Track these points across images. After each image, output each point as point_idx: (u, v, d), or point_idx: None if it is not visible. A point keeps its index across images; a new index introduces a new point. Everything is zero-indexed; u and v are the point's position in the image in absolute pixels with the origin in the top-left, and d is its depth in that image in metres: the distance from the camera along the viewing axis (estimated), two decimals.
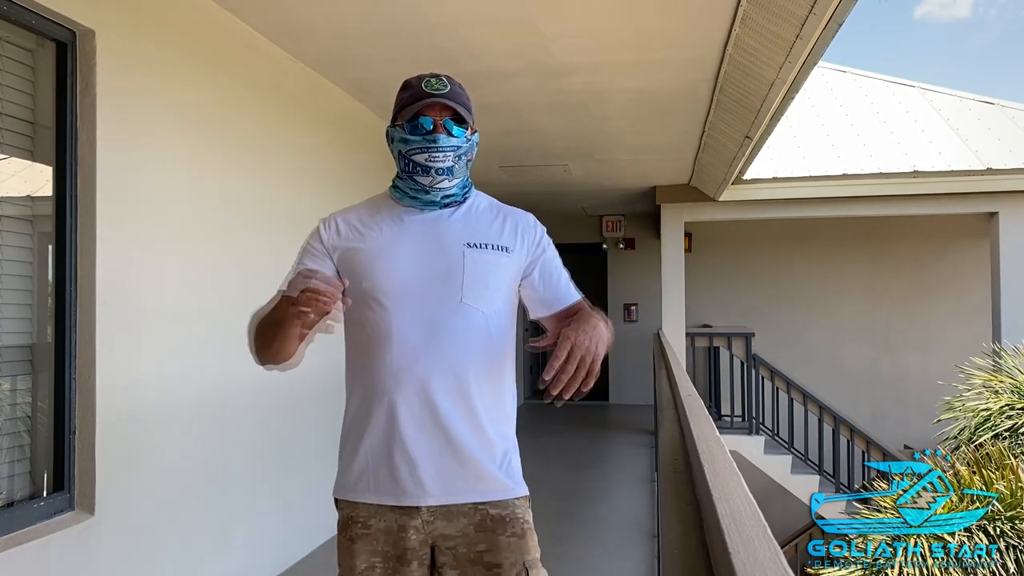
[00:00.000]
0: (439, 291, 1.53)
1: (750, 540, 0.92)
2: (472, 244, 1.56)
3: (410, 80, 1.59)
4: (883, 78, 9.52)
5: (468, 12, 3.36)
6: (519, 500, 1.58)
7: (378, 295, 1.54)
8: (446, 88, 1.55)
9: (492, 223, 1.62)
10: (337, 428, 1.70)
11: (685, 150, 6.27)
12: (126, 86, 2.68)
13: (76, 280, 2.53)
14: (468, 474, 1.52)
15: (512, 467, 1.58)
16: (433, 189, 1.55)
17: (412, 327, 1.51)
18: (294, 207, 3.94)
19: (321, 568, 3.88)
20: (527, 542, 1.55)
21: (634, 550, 4.36)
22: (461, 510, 1.53)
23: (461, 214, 1.61)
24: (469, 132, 1.57)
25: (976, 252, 9.26)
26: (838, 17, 3.04)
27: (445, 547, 1.54)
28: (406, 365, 1.51)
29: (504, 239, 1.60)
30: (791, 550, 8.94)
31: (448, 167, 1.54)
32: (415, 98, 1.54)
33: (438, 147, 1.52)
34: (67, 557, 2.41)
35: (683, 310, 8.15)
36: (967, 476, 4.76)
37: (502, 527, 1.53)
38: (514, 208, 1.70)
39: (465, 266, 1.54)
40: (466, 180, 1.63)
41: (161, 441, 2.88)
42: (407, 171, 1.56)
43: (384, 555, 1.53)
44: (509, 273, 1.60)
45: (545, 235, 1.68)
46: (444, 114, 1.54)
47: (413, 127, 1.53)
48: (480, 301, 1.54)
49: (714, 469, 1.32)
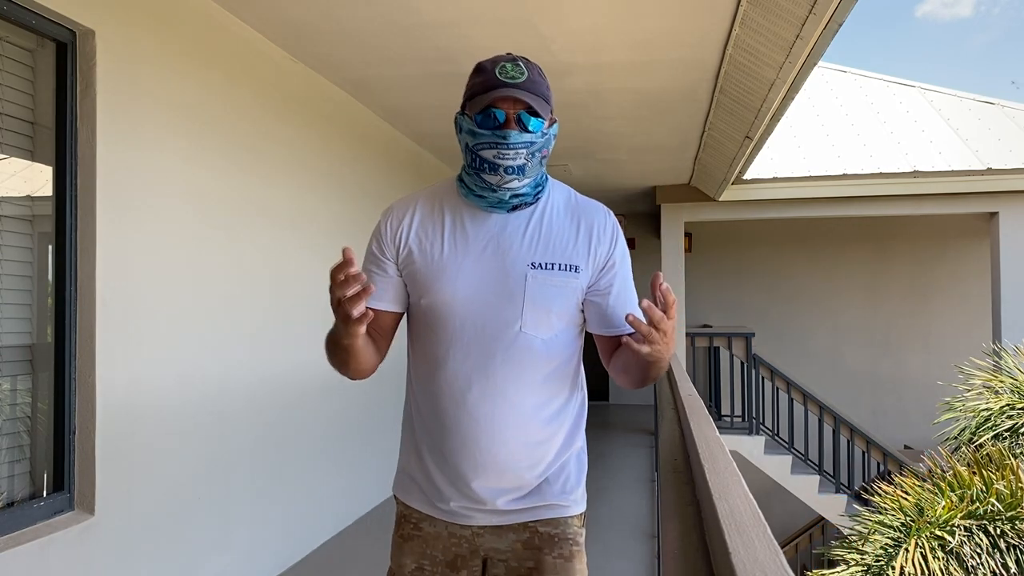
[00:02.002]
0: (498, 318, 1.42)
1: (750, 540, 0.92)
2: (537, 265, 1.42)
3: (483, 63, 1.42)
4: (883, 78, 9.51)
5: (468, 12, 3.36)
6: (573, 519, 1.51)
7: (433, 319, 1.45)
8: (523, 76, 1.37)
9: (565, 232, 1.47)
10: (337, 428, 1.70)
11: (685, 150, 6.27)
12: (126, 86, 2.68)
13: (76, 280, 2.53)
14: (519, 497, 1.46)
15: (569, 483, 1.50)
16: (501, 188, 1.41)
17: (468, 354, 1.43)
18: (294, 207, 3.95)
19: (322, 568, 3.88)
20: (574, 565, 1.48)
21: (634, 550, 4.36)
22: (511, 527, 1.48)
23: (532, 221, 1.46)
24: (547, 124, 1.42)
25: (976, 252, 9.26)
26: (838, 17, 3.04)
27: (497, 559, 1.50)
28: (459, 392, 1.43)
29: (577, 254, 1.45)
30: (791, 550, 8.95)
31: (519, 165, 1.38)
32: (487, 86, 1.37)
33: (508, 144, 1.36)
34: (67, 557, 2.41)
35: (683, 310, 8.15)
36: (967, 476, 4.75)
37: (550, 547, 1.47)
38: (591, 204, 1.54)
39: (527, 292, 1.41)
40: (540, 177, 1.47)
41: (161, 441, 2.88)
42: (474, 167, 1.41)
43: (433, 559, 1.50)
44: (576, 295, 1.46)
45: (620, 241, 1.51)
46: (518, 107, 1.37)
47: (483, 119, 1.37)
48: (541, 329, 1.43)
49: (714, 469, 1.32)
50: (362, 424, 4.63)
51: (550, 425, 1.47)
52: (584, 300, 1.49)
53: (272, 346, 3.67)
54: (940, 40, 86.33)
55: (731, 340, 8.35)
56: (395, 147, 5.46)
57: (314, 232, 4.13)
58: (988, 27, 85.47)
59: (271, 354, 3.66)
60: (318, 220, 4.19)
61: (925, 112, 8.58)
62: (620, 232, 1.53)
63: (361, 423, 4.61)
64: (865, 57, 79.99)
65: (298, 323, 3.85)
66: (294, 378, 3.85)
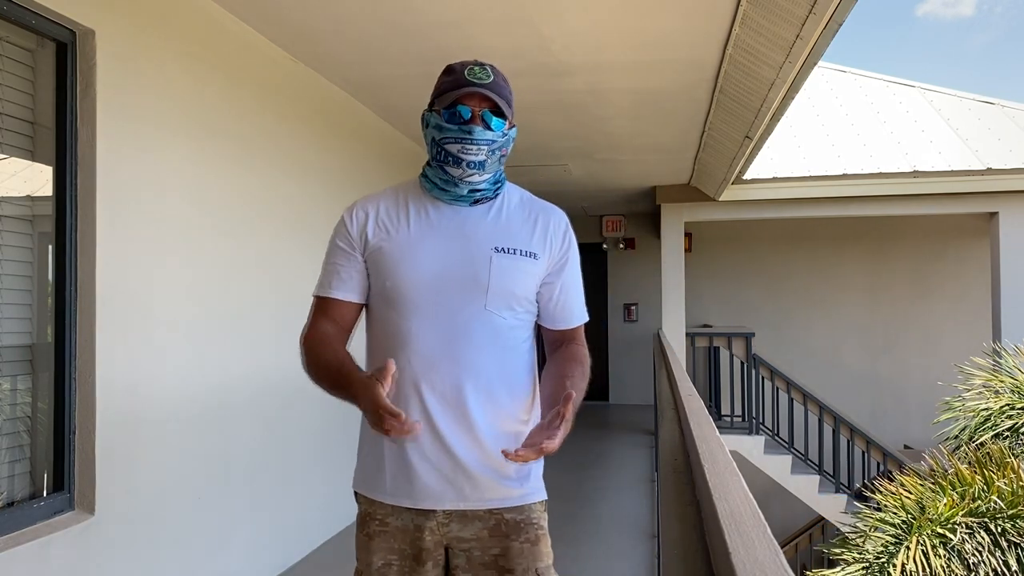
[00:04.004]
0: (462, 296, 1.49)
1: (750, 540, 0.92)
2: (500, 249, 1.51)
3: (453, 65, 1.53)
4: (883, 78, 9.51)
5: (468, 12, 3.36)
6: (536, 505, 1.56)
7: (399, 297, 1.50)
8: (489, 78, 1.48)
9: (523, 224, 1.57)
10: (337, 429, 1.70)
11: (685, 150, 6.27)
12: (126, 86, 2.68)
13: (76, 280, 2.53)
14: (485, 480, 1.50)
15: (531, 472, 1.56)
16: (462, 182, 1.50)
17: (431, 332, 1.49)
18: (295, 207, 3.95)
19: (321, 568, 3.88)
20: (540, 548, 1.54)
21: (634, 550, 4.36)
22: (476, 514, 1.51)
23: (492, 213, 1.56)
24: (507, 126, 1.51)
25: (976, 252, 9.26)
26: (838, 17, 3.03)
27: (459, 549, 1.52)
28: (424, 371, 1.48)
29: (534, 244, 1.55)
30: (791, 550, 8.95)
31: (480, 161, 1.48)
32: (455, 85, 1.47)
33: (472, 139, 1.45)
34: (67, 557, 2.41)
35: (683, 310, 8.15)
36: (968, 475, 4.76)
37: (516, 532, 1.52)
38: (546, 204, 1.65)
39: (491, 273, 1.49)
40: (498, 175, 1.57)
41: (161, 441, 2.88)
42: (438, 159, 1.50)
43: (401, 553, 1.52)
44: (535, 280, 1.56)
45: (572, 241, 1.63)
46: (484, 105, 1.47)
47: (450, 115, 1.47)
48: (504, 309, 1.51)
49: (714, 469, 1.32)
50: (362, 424, 4.62)
51: (516, 413, 1.54)
52: (538, 291, 1.59)
53: (272, 346, 3.67)
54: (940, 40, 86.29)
55: (731, 340, 8.35)
56: (395, 147, 5.46)
57: (314, 231, 4.13)
58: (989, 27, 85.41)
59: (271, 353, 3.66)
60: (318, 219, 4.19)
61: (925, 112, 8.58)
62: (572, 233, 1.64)
63: (361, 423, 4.60)
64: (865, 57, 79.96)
65: (298, 322, 3.84)
66: (294, 378, 3.84)
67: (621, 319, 10.57)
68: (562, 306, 1.62)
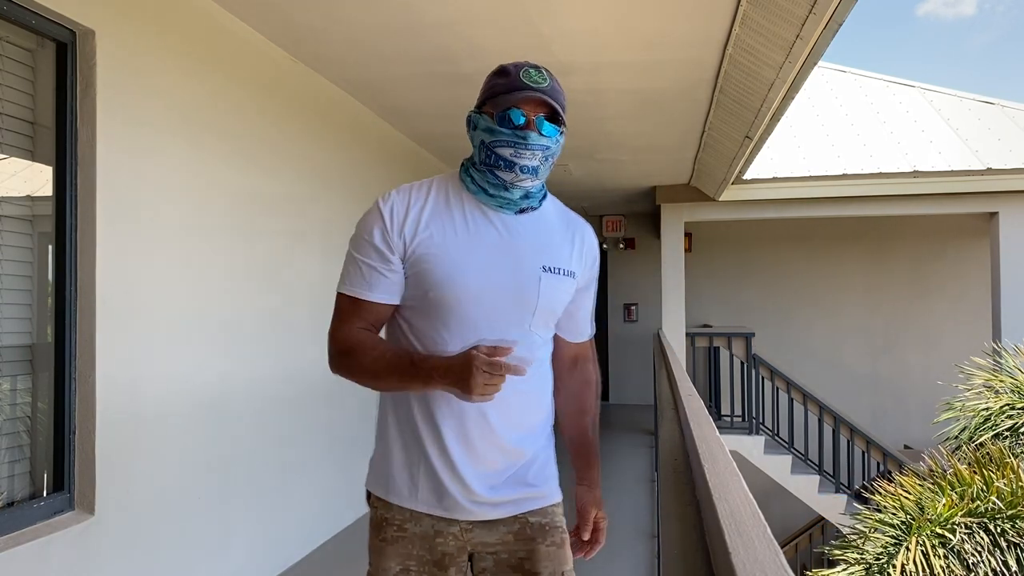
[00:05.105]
0: (508, 315, 1.44)
1: (750, 540, 0.92)
2: (548, 268, 1.47)
3: (506, 66, 1.46)
4: (883, 78, 9.51)
5: (468, 12, 3.36)
6: (556, 507, 1.58)
7: (442, 309, 1.42)
8: (546, 83, 1.42)
9: (563, 240, 1.53)
10: (337, 429, 1.70)
11: (685, 150, 6.27)
12: (126, 86, 2.68)
13: (76, 280, 2.53)
14: (512, 491, 1.49)
15: (550, 473, 1.57)
16: (513, 186, 1.44)
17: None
18: (294, 206, 3.95)
19: (322, 568, 3.88)
20: (565, 551, 1.55)
21: (634, 550, 4.36)
22: (501, 521, 1.51)
23: (537, 225, 1.51)
24: (561, 132, 1.46)
25: (976, 252, 9.26)
26: (838, 17, 3.03)
27: (485, 553, 1.51)
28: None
29: (573, 262, 1.53)
30: (791, 550, 8.95)
31: (534, 167, 1.43)
32: (511, 88, 1.41)
33: (527, 145, 1.40)
34: (67, 557, 2.41)
35: (683, 310, 8.15)
36: (968, 475, 4.76)
37: (542, 536, 1.52)
38: (578, 218, 1.62)
39: (540, 293, 1.45)
40: (543, 183, 1.54)
41: (161, 441, 2.88)
42: (487, 162, 1.44)
43: (419, 559, 1.49)
44: (570, 298, 1.55)
45: (598, 259, 1.62)
46: (539, 110, 1.42)
47: (503, 118, 1.41)
48: (543, 328, 1.51)
49: (714, 469, 1.32)
50: (363, 424, 4.63)
51: (540, 412, 1.56)
52: None
53: (272, 346, 3.67)
54: (940, 40, 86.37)
55: (731, 340, 8.35)
56: (395, 147, 5.46)
57: (314, 231, 4.13)
58: (989, 27, 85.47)
59: (271, 353, 3.66)
60: (317, 219, 4.19)
61: (925, 112, 8.58)
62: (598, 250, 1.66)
63: (362, 423, 4.60)
64: (865, 57, 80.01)
65: (298, 323, 3.85)
66: (294, 377, 3.85)
67: (621, 319, 10.56)
68: (578, 320, 1.63)
